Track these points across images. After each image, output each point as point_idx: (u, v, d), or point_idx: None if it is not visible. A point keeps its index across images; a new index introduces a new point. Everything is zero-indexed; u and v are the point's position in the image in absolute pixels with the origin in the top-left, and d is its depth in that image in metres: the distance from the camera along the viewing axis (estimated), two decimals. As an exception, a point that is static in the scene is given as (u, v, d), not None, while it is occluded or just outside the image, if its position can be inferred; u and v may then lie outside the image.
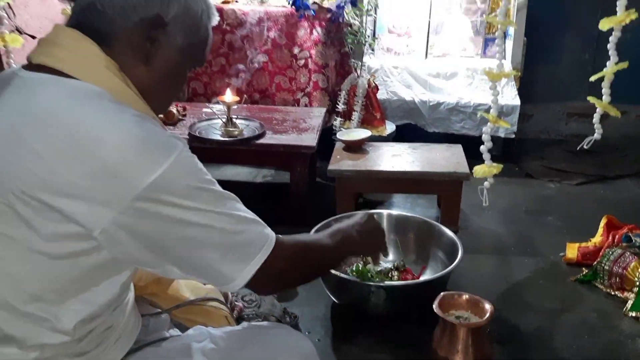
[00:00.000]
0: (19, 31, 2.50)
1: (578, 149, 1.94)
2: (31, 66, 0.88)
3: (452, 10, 3.40)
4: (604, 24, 1.71)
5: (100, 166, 0.78)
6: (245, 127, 2.51)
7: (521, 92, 3.16)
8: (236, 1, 3.13)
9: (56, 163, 0.78)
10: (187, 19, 0.93)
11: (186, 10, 0.92)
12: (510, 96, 3.10)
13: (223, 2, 3.09)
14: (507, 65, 3.12)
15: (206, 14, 0.96)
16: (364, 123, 3.00)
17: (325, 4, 3.00)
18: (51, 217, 0.79)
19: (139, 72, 0.91)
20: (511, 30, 3.20)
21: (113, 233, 0.80)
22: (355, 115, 2.99)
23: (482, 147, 1.95)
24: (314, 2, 2.96)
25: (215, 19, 1.01)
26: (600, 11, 3.38)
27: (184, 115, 2.67)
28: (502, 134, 3.05)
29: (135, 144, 0.80)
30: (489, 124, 1.92)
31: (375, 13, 3.24)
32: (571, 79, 3.58)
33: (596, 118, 1.91)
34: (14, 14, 2.49)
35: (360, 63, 3.06)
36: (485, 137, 1.93)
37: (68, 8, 2.75)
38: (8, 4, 2.24)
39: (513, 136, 3.09)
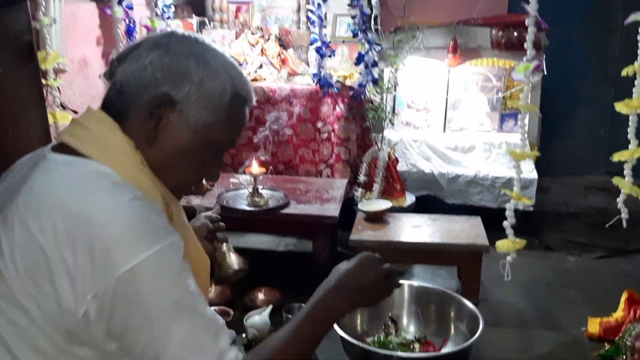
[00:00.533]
0: (63, 107, 2.69)
1: (607, 226, 1.99)
2: (58, 145, 0.93)
3: (468, 88, 3.56)
4: (621, 108, 1.79)
5: (86, 248, 0.80)
6: (270, 197, 2.61)
7: (538, 166, 3.24)
8: (264, 79, 3.32)
9: (49, 246, 0.80)
10: (202, 98, 0.91)
11: (201, 88, 0.91)
12: (527, 169, 3.18)
13: (252, 80, 3.28)
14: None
15: (229, 92, 0.94)
16: (384, 194, 3.09)
17: (348, 82, 3.18)
18: (45, 300, 0.81)
19: (151, 151, 0.92)
20: (526, 107, 3.32)
21: (89, 312, 0.81)
22: (376, 187, 3.08)
23: (505, 223, 2.01)
24: (337, 81, 3.14)
25: (251, 99, 0.99)
26: (613, 89, 3.53)
27: (212, 185, 2.79)
28: (520, 207, 3.09)
29: (121, 229, 0.81)
30: (512, 200, 1.98)
31: (395, 90, 3.40)
32: (588, 153, 3.67)
33: (621, 199, 1.94)
34: (59, 91, 2.68)
35: (380, 137, 3.19)
36: (508, 214, 2.00)
37: None
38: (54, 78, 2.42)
39: (532, 209, 3.14)
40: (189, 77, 0.91)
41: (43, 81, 2.10)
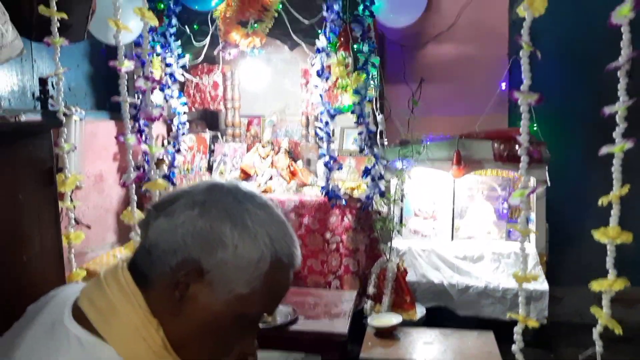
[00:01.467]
0: (77, 221, 2.74)
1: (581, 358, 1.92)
2: (77, 308, 0.86)
3: (474, 197, 3.62)
4: (599, 236, 1.79)
5: None
6: (278, 312, 2.57)
7: (549, 276, 3.21)
8: (274, 191, 3.41)
9: None
10: (236, 268, 0.82)
11: (235, 256, 0.82)
12: (538, 280, 3.15)
13: (263, 192, 3.37)
14: (532, 249, 3.23)
15: (268, 260, 0.83)
16: (394, 307, 3.05)
17: (356, 194, 3.24)
18: None
19: (174, 324, 0.84)
20: (533, 216, 3.35)
21: None
22: (386, 299, 3.05)
23: (513, 347, 1.96)
24: (345, 193, 3.21)
25: (295, 264, 0.88)
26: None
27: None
28: (533, 317, 3.04)
29: None
30: (519, 324, 1.95)
31: (402, 201, 3.46)
32: (598, 262, 3.60)
33: (597, 330, 1.89)
34: (74, 206, 2.75)
35: (389, 247, 3.20)
36: (516, 337, 1.96)
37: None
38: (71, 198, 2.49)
39: (545, 321, 3.07)
40: (222, 243, 0.81)
41: (60, 203, 2.17)
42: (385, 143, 3.32)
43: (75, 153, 2.55)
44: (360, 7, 3.03)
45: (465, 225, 3.60)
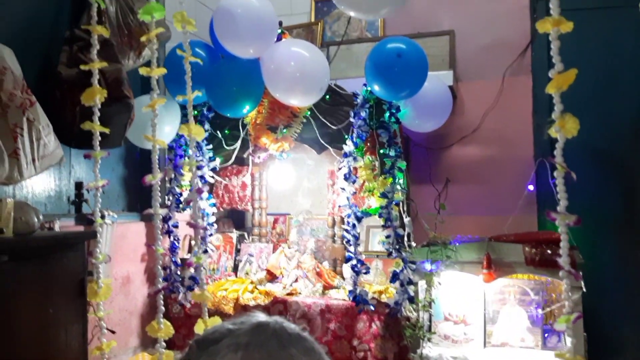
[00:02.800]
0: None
1: None
2: None
3: (506, 300, 3.49)
4: None
5: None
6: None
7: (591, 388, 3.03)
8: (300, 293, 3.35)
9: None
10: None
11: None
12: (579, 395, 2.95)
13: (288, 294, 3.32)
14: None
15: None
16: (426, 422, 2.88)
17: (383, 298, 3.17)
18: None
19: None
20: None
21: None
22: (417, 414, 2.88)
23: None
24: (373, 297, 3.14)
25: None
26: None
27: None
28: None
29: None
30: None
31: (431, 307, 3.37)
32: (642, 373, 3.43)
33: None
34: (102, 315, 2.73)
35: (419, 356, 3.07)
36: None
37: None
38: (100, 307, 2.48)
39: None
40: None
41: (89, 313, 2.16)
42: (413, 245, 3.29)
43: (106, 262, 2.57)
44: (387, 114, 3.12)
45: (497, 331, 3.45)
